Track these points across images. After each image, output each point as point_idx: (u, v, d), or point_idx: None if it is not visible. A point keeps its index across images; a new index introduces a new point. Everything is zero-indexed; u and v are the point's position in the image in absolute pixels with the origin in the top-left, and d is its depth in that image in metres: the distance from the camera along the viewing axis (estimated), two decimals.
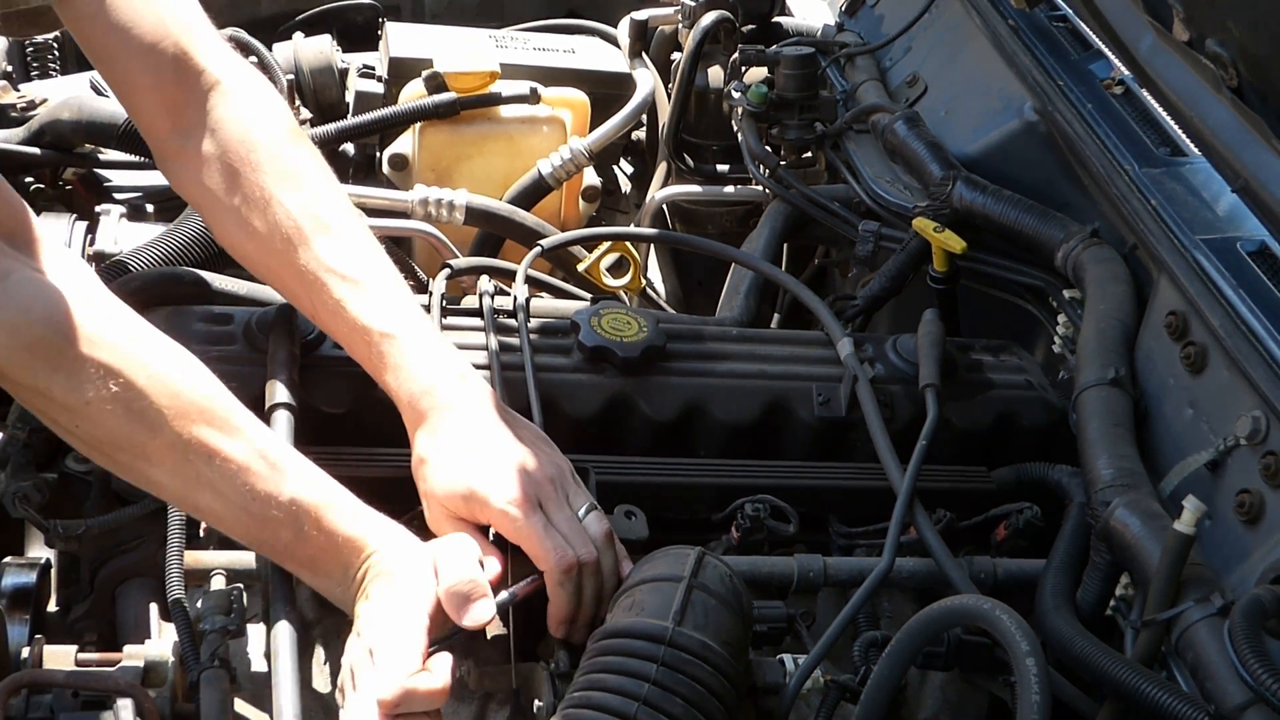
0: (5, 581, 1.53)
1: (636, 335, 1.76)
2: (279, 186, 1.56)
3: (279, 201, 1.56)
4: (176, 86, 1.58)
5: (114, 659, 1.43)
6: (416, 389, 1.52)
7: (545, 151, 2.45)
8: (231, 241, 1.63)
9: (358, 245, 1.58)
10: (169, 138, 1.61)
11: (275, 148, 1.58)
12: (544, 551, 1.44)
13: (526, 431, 1.55)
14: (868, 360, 1.81)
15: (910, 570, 1.61)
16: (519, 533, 1.45)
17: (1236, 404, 1.59)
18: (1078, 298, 1.88)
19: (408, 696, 1.32)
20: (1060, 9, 2.21)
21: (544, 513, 1.47)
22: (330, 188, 1.62)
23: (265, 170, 1.56)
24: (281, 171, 1.57)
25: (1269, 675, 1.27)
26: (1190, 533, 1.37)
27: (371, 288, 1.55)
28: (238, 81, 1.60)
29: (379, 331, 1.53)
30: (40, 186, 2.28)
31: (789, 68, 2.31)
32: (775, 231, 2.20)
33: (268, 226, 1.56)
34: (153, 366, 1.35)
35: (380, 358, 1.54)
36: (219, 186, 1.58)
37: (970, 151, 2.10)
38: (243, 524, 1.40)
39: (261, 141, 1.58)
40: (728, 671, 1.32)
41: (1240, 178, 1.65)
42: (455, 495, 1.48)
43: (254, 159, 1.57)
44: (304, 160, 1.61)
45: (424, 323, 1.58)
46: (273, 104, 1.63)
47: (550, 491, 1.48)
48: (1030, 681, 1.23)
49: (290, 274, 1.57)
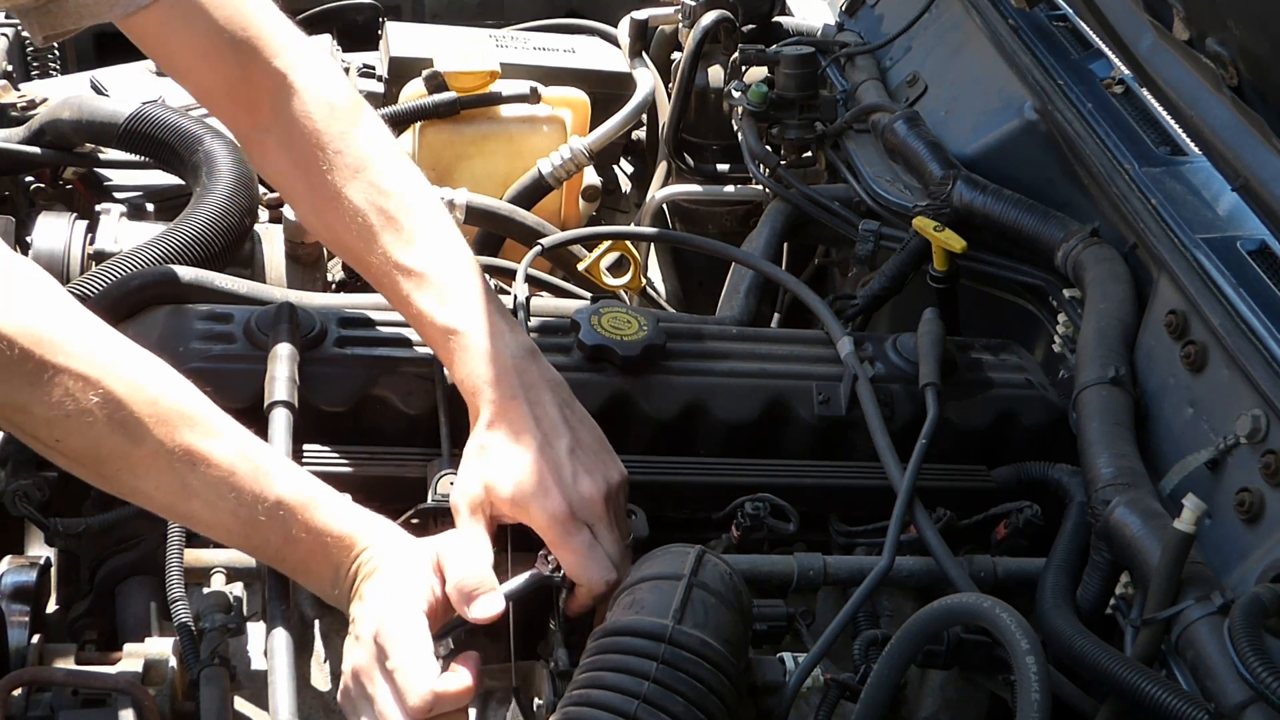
0: (5, 580, 1.52)
1: (637, 334, 1.76)
2: (347, 183, 1.60)
3: (346, 197, 1.60)
4: (247, 88, 1.61)
5: (114, 657, 1.43)
6: (479, 383, 1.54)
7: (545, 151, 2.45)
8: (321, 232, 1.72)
9: (422, 236, 1.61)
10: (250, 134, 1.67)
11: (340, 146, 1.61)
12: (583, 571, 1.45)
13: (587, 436, 1.54)
14: (868, 359, 1.81)
15: (910, 569, 1.61)
16: (563, 546, 1.46)
17: (1236, 403, 1.59)
18: (1078, 297, 1.88)
19: (438, 701, 1.32)
20: (1060, 8, 2.21)
21: (591, 531, 1.47)
22: (400, 175, 1.64)
23: (334, 168, 1.61)
24: (349, 168, 1.61)
25: (1269, 674, 1.27)
26: (1190, 531, 1.37)
27: (436, 281, 1.58)
28: (305, 75, 1.62)
29: (443, 327, 1.56)
30: (40, 186, 2.28)
31: (789, 67, 2.31)
32: (775, 231, 2.20)
33: (341, 221, 1.61)
34: (129, 375, 1.33)
35: (448, 353, 1.57)
36: (298, 181, 1.65)
37: (970, 151, 2.10)
38: (232, 529, 1.39)
39: (328, 140, 1.61)
40: (728, 670, 1.32)
41: (1240, 177, 1.65)
42: (504, 496, 1.47)
43: (323, 158, 1.61)
44: (370, 151, 1.63)
45: (489, 315, 1.58)
46: (338, 93, 1.65)
47: (601, 512, 1.49)
48: (1030, 680, 1.23)
49: (364, 269, 1.63)
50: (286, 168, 1.66)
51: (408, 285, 1.58)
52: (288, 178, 1.67)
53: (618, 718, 1.25)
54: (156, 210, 2.26)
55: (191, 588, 1.47)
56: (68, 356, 1.29)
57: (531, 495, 1.47)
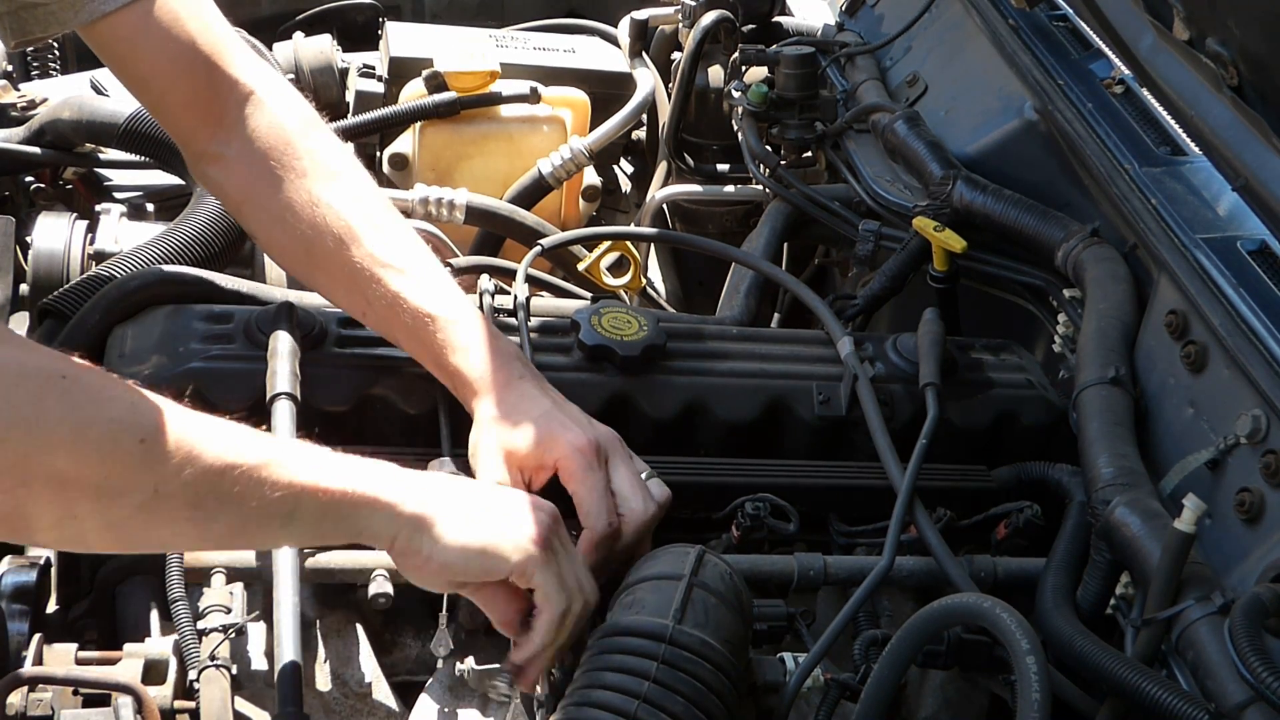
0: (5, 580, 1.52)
1: (637, 334, 1.76)
2: (324, 189, 1.61)
3: (326, 204, 1.60)
4: (212, 99, 1.61)
5: (114, 657, 1.43)
6: (488, 366, 1.57)
7: (545, 151, 2.45)
8: (275, 244, 1.69)
9: (404, 239, 1.64)
10: (207, 147, 1.64)
11: (314, 152, 1.63)
12: (592, 508, 1.50)
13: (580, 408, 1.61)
14: (868, 359, 1.81)
15: (910, 569, 1.61)
16: (582, 479, 1.50)
17: (1237, 403, 1.59)
18: (1078, 297, 1.88)
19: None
20: (1060, 8, 2.21)
21: (608, 470, 1.53)
22: (370, 185, 1.67)
23: (309, 174, 1.61)
24: (325, 173, 1.62)
25: (1269, 674, 1.27)
26: (1190, 531, 1.37)
27: (424, 277, 1.61)
28: (269, 89, 1.64)
29: (443, 318, 1.58)
30: (40, 186, 2.28)
31: (789, 67, 2.31)
32: (775, 231, 2.21)
33: (315, 228, 1.60)
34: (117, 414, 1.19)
35: (445, 342, 1.58)
36: (262, 192, 1.62)
37: (970, 151, 2.10)
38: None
39: (301, 147, 1.62)
40: (728, 670, 1.32)
41: (1241, 177, 1.65)
42: (528, 440, 1.51)
43: (297, 164, 1.61)
44: (342, 160, 1.66)
45: (474, 307, 1.64)
46: (303, 107, 1.67)
47: (620, 450, 1.56)
48: (1030, 680, 1.23)
49: (341, 272, 1.61)
50: (245, 180, 1.63)
51: (399, 280, 1.59)
52: (247, 190, 1.64)
53: (618, 718, 1.26)
54: (156, 210, 2.26)
55: (191, 588, 1.47)
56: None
57: (554, 434, 1.52)
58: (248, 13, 2.86)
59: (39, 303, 1.85)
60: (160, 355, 1.63)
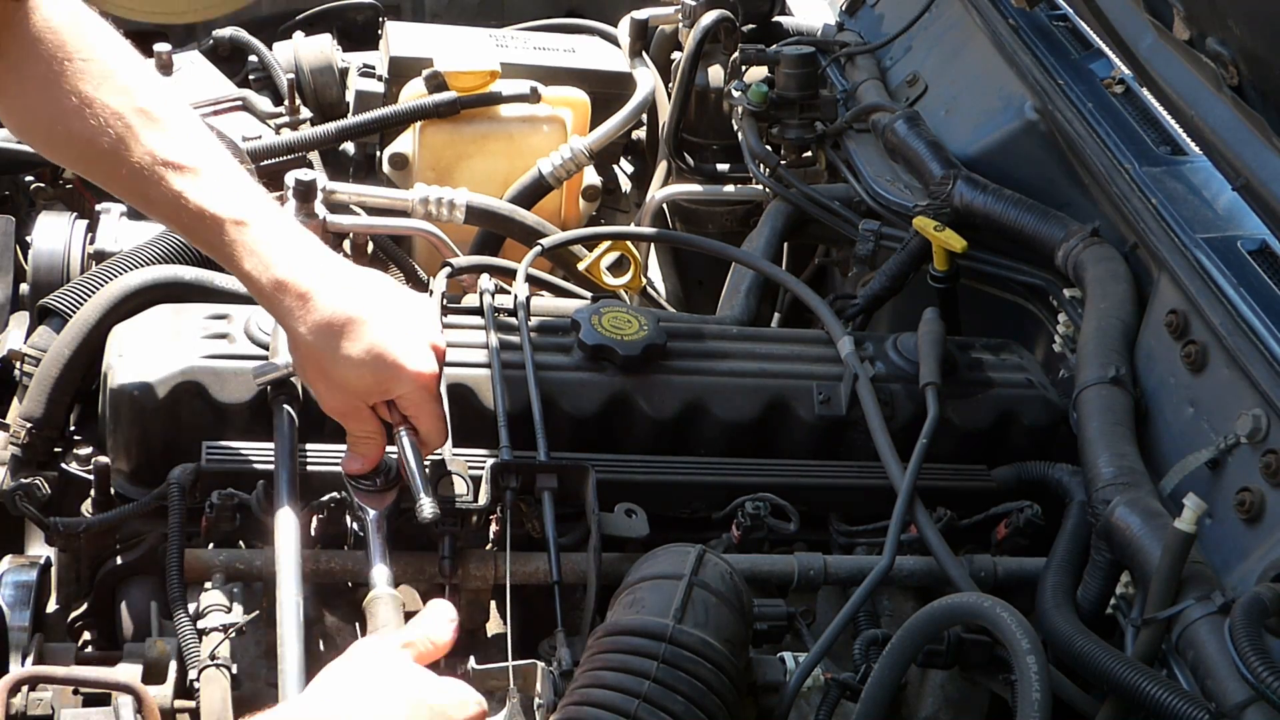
0: (5, 580, 1.53)
1: (637, 334, 1.76)
2: (100, 86, 1.49)
3: (101, 102, 1.48)
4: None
5: (114, 657, 1.43)
6: (287, 270, 1.48)
7: (545, 151, 2.45)
8: (58, 151, 1.60)
9: (190, 135, 1.52)
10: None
11: (90, 51, 1.51)
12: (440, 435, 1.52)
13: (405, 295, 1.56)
14: (868, 359, 1.81)
15: (911, 568, 1.61)
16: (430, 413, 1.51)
17: (1237, 402, 1.59)
18: (1078, 296, 1.88)
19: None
20: (1060, 8, 2.21)
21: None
22: (152, 80, 1.56)
23: (84, 74, 1.49)
24: (101, 72, 1.50)
25: (1270, 673, 1.27)
26: (1191, 531, 1.37)
27: (212, 176, 1.50)
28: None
29: (230, 220, 1.48)
30: (40, 186, 2.28)
31: (789, 67, 2.31)
32: (775, 231, 2.21)
33: (93, 128, 1.48)
34: None
35: (234, 245, 1.49)
36: (37, 99, 1.50)
37: (970, 151, 2.11)
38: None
39: (76, 47, 1.50)
40: (728, 669, 1.32)
41: (1241, 176, 1.65)
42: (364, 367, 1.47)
43: (71, 65, 1.49)
44: (122, 58, 1.53)
45: (274, 206, 1.54)
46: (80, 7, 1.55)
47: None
48: (1031, 679, 1.23)
49: (124, 172, 1.50)
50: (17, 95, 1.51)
51: (180, 181, 1.48)
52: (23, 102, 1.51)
53: (619, 717, 1.26)
54: None
55: (191, 588, 1.47)
56: None
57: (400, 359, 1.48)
58: (248, 13, 2.85)
59: (39, 302, 1.86)
60: (160, 355, 1.63)
